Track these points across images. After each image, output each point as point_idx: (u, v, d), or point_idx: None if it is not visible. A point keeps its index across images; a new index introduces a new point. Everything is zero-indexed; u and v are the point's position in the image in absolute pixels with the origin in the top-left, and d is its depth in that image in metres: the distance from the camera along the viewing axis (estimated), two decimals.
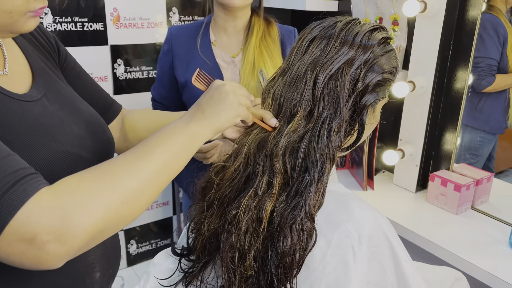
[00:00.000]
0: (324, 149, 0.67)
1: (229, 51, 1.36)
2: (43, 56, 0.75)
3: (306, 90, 0.68)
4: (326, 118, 0.68)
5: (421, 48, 1.46)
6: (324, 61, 0.68)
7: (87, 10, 1.76)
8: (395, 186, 1.65)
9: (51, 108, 0.68)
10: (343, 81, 0.68)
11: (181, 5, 1.99)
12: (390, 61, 0.73)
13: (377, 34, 0.72)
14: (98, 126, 0.76)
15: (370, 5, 1.70)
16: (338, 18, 0.74)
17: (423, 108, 1.50)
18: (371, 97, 0.71)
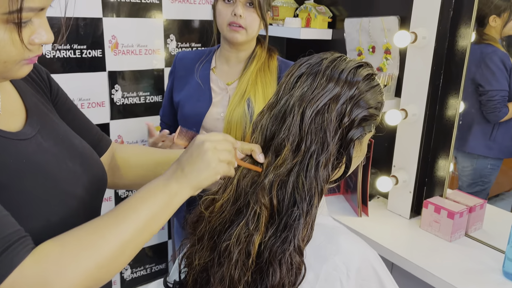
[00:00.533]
0: (312, 182, 0.69)
1: (225, 79, 1.41)
2: (36, 92, 0.77)
3: (293, 125, 0.70)
4: (313, 152, 0.69)
5: (413, 77, 1.49)
6: (311, 97, 0.71)
7: (86, 38, 1.79)
8: (389, 212, 1.66)
9: (45, 144, 0.69)
10: (329, 116, 0.70)
11: (178, 32, 2.04)
12: (376, 97, 0.75)
13: (362, 71, 0.74)
14: (92, 160, 0.77)
15: (363, 34, 1.74)
16: (325, 55, 0.76)
17: (416, 135, 1.52)
18: (357, 132, 0.73)
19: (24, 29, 0.57)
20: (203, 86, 1.39)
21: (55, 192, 0.66)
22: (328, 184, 0.73)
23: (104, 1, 1.80)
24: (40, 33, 0.60)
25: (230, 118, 1.33)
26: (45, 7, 0.59)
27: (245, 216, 0.69)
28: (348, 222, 1.57)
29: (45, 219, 0.59)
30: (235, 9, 1.29)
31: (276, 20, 2.01)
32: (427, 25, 1.41)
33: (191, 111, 1.39)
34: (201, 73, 1.41)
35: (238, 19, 1.29)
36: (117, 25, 1.85)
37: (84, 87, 1.84)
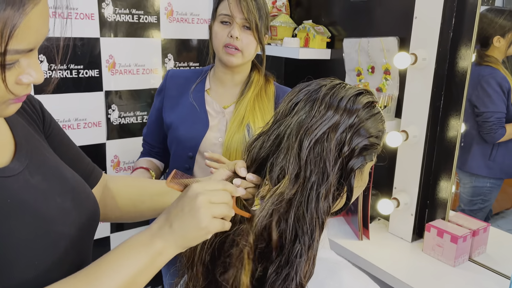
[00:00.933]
0: (313, 215, 0.66)
1: (221, 102, 1.37)
2: (28, 123, 0.74)
3: (291, 154, 0.68)
4: (313, 183, 0.67)
5: (413, 98, 1.47)
6: (309, 125, 0.68)
7: (83, 58, 1.77)
8: (390, 235, 1.62)
9: (33, 180, 0.66)
10: (328, 145, 0.67)
11: (176, 52, 2.02)
12: (376, 125, 0.73)
13: (362, 98, 0.72)
14: (83, 194, 0.74)
15: (362, 55, 1.73)
16: (324, 81, 0.74)
17: (417, 157, 1.49)
18: (358, 161, 0.70)
19: (9, 71, 0.54)
20: (199, 108, 1.35)
21: (42, 233, 0.63)
22: (329, 216, 0.70)
23: (102, 21, 1.79)
24: (29, 73, 0.56)
25: (229, 144, 1.30)
26: (35, 47, 0.56)
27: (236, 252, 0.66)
28: (349, 245, 1.54)
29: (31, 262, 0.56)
30: (232, 31, 1.26)
31: (275, 40, 2.01)
32: (427, 47, 1.40)
33: (186, 134, 1.35)
34: (195, 94, 1.37)
35: (235, 41, 1.27)
36: (114, 45, 1.84)
37: (80, 107, 1.81)
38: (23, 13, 0.51)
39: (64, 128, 1.81)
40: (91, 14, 1.76)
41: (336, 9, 1.89)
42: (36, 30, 0.54)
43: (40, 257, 0.54)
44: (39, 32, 0.55)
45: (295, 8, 2.10)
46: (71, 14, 1.72)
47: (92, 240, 0.79)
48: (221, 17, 1.29)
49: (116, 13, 1.81)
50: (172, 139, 1.39)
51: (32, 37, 0.54)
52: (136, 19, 1.88)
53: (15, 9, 0.51)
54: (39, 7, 0.53)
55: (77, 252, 0.69)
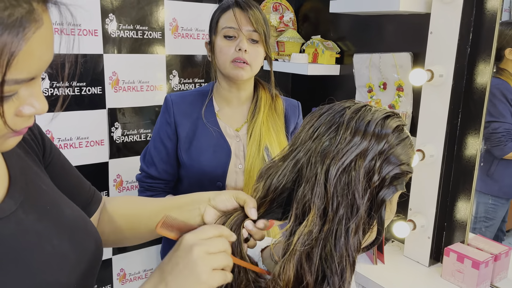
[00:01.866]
0: (342, 253, 0.59)
1: (232, 124, 1.29)
2: (25, 153, 0.67)
3: (317, 185, 0.61)
4: (342, 217, 0.60)
5: (429, 116, 1.41)
6: (335, 152, 0.62)
7: (85, 75, 1.73)
8: (406, 259, 1.55)
9: (27, 221, 0.59)
10: (357, 174, 0.61)
11: (181, 68, 1.98)
12: (407, 151, 0.66)
13: (390, 122, 0.66)
14: (84, 232, 0.67)
15: (373, 70, 1.68)
16: (347, 103, 0.68)
17: (434, 177, 1.43)
18: (389, 192, 0.63)
19: (8, 103, 0.48)
20: (215, 134, 1.24)
21: (33, 284, 0.55)
22: (359, 253, 0.63)
23: (106, 37, 1.74)
24: (31, 103, 0.50)
25: (251, 170, 1.21)
26: (36, 76, 0.50)
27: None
28: (363, 270, 1.46)
29: None
30: (240, 44, 1.18)
31: (282, 55, 1.96)
32: (443, 63, 1.34)
33: (210, 165, 1.22)
34: (207, 120, 1.25)
35: (243, 55, 1.19)
36: (118, 61, 1.79)
37: (82, 125, 1.76)
38: (23, 39, 0.45)
39: (65, 146, 1.75)
40: (95, 30, 1.72)
41: (345, 24, 1.84)
42: (39, 57, 0.49)
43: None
44: (42, 59, 0.49)
45: (302, 23, 2.05)
46: (74, 31, 1.67)
47: (93, 284, 0.72)
48: (224, 30, 1.21)
49: (120, 29, 1.77)
50: (191, 173, 1.26)
51: (34, 65, 0.48)
52: (141, 35, 1.84)
53: (14, 34, 0.44)
54: (41, 32, 0.47)
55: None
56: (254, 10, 1.19)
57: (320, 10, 1.96)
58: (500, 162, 1.50)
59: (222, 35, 1.22)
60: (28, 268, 0.56)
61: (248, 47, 1.20)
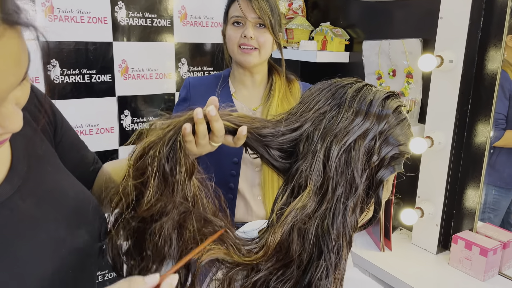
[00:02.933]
0: (339, 231, 0.59)
1: (249, 104, 1.33)
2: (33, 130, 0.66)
3: (316, 162, 0.61)
4: (340, 195, 0.60)
5: (438, 102, 1.40)
6: (337, 131, 0.62)
7: (95, 62, 1.74)
8: (414, 246, 1.54)
9: (23, 207, 0.57)
10: (356, 154, 0.61)
11: (190, 56, 1.98)
12: (405, 132, 0.66)
13: (391, 102, 0.66)
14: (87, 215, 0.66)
15: (382, 57, 1.67)
16: (347, 81, 0.68)
17: (443, 164, 1.42)
18: (387, 172, 0.64)
19: None
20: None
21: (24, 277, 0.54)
22: (356, 231, 0.64)
23: (115, 25, 1.75)
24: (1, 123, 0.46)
25: None
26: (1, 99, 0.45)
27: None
28: (370, 257, 1.46)
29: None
30: (245, 31, 1.24)
31: (291, 43, 1.95)
32: (453, 48, 1.33)
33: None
34: (223, 100, 1.31)
35: (249, 41, 1.24)
36: (127, 49, 1.80)
37: (92, 113, 1.78)
38: None
39: None
40: (104, 18, 1.73)
41: (355, 11, 1.82)
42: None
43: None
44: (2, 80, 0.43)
45: (311, 10, 2.04)
46: (84, 18, 1.69)
47: (96, 269, 0.71)
48: (232, 19, 1.27)
49: (129, 17, 1.78)
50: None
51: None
52: (149, 23, 1.84)
53: None
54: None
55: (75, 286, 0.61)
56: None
57: None
58: (501, 152, 1.47)
59: (231, 23, 1.28)
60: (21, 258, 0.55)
61: (255, 33, 1.25)
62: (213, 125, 0.62)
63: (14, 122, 0.47)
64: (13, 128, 0.47)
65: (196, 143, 0.63)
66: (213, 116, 0.61)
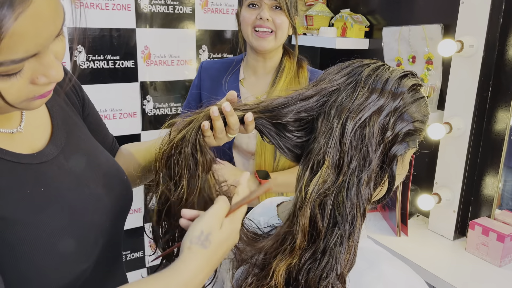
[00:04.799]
0: (354, 202, 0.62)
1: (254, 92, 1.34)
2: (65, 103, 0.73)
3: (333, 139, 0.63)
4: (354, 169, 0.62)
5: (458, 88, 1.39)
6: (352, 107, 0.64)
7: (119, 49, 1.79)
8: (430, 232, 1.55)
9: (67, 165, 0.65)
10: (371, 130, 0.63)
11: (210, 43, 2.01)
12: (421, 109, 0.68)
13: (407, 81, 0.67)
14: (117, 179, 0.73)
15: (402, 44, 1.66)
16: (365, 61, 0.70)
17: (461, 151, 1.42)
18: (401, 148, 0.66)
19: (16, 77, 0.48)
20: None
21: (73, 224, 0.62)
22: (370, 204, 0.66)
23: (138, 12, 1.79)
24: (45, 73, 0.51)
25: None
26: (40, 51, 0.49)
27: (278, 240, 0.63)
28: (387, 242, 1.48)
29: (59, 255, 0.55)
30: (261, 13, 1.22)
31: (311, 29, 1.96)
32: (474, 33, 1.32)
33: None
34: (229, 85, 1.34)
35: (265, 23, 1.22)
36: (150, 36, 1.85)
37: (116, 98, 1.83)
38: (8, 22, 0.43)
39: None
40: (128, 5, 1.77)
41: None
42: (34, 35, 0.46)
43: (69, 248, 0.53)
44: (39, 36, 0.47)
45: None
46: (108, 5, 1.73)
47: (123, 229, 0.78)
48: (248, 1, 1.25)
49: (152, 4, 1.82)
50: None
51: (30, 43, 0.47)
52: (171, 10, 1.88)
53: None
54: (31, 10, 0.44)
55: (106, 242, 0.68)
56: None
57: None
58: None
59: (247, 5, 1.26)
60: (69, 207, 0.62)
61: (272, 15, 1.23)
62: (229, 119, 0.68)
63: (56, 71, 0.52)
64: (56, 77, 0.52)
65: (215, 137, 0.69)
66: (228, 112, 0.68)
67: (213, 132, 0.68)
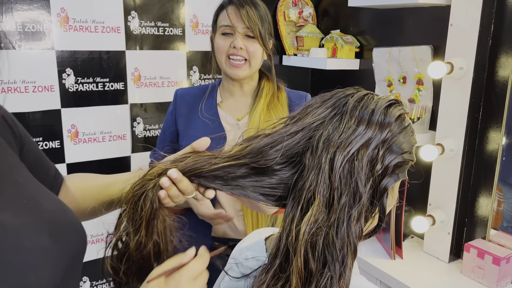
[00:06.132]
0: (344, 240, 0.59)
1: (234, 114, 1.31)
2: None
3: (322, 174, 0.61)
4: (344, 205, 0.60)
5: (449, 109, 1.39)
6: (340, 141, 0.62)
7: (108, 71, 1.77)
8: (425, 255, 1.53)
9: (3, 218, 0.56)
10: (360, 163, 0.61)
11: (201, 64, 2.01)
12: (409, 139, 0.66)
13: (394, 111, 0.66)
14: (65, 224, 0.65)
15: (392, 64, 1.66)
16: (349, 91, 0.68)
17: (454, 172, 1.41)
18: (391, 180, 0.64)
19: None
20: (212, 124, 1.27)
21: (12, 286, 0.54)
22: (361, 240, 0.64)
23: (128, 34, 1.79)
24: None
25: None
26: None
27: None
28: (381, 265, 1.46)
29: None
30: (235, 42, 1.20)
31: (301, 50, 1.96)
32: (464, 55, 1.32)
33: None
34: (207, 109, 1.30)
35: (239, 51, 1.21)
36: (140, 58, 1.84)
37: (105, 120, 1.81)
38: None
39: (89, 141, 1.81)
40: (117, 27, 1.76)
41: (365, 18, 1.83)
42: None
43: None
44: None
45: (322, 18, 2.05)
46: (98, 28, 1.72)
47: (80, 277, 0.71)
48: (222, 28, 1.23)
49: (141, 26, 1.81)
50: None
51: None
52: (162, 32, 1.87)
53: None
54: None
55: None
56: (248, 8, 1.20)
57: (339, 5, 1.95)
58: None
59: (220, 33, 1.24)
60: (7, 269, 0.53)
61: (245, 43, 1.21)
62: (179, 186, 0.66)
63: None
64: None
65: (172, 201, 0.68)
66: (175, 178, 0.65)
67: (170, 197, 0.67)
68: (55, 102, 1.68)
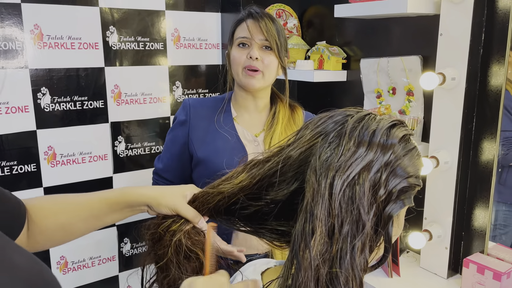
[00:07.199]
0: (349, 273, 0.54)
1: (251, 129, 1.29)
2: None
3: (322, 200, 0.55)
4: (347, 234, 0.55)
5: (442, 121, 1.36)
6: (338, 165, 0.56)
7: (87, 89, 1.70)
8: (423, 271, 1.48)
9: None
10: (361, 188, 0.55)
11: (184, 78, 1.94)
12: (414, 162, 0.61)
13: (397, 131, 0.60)
14: (41, 279, 0.58)
15: (381, 75, 1.63)
16: (349, 111, 0.63)
17: (449, 185, 1.36)
18: (396, 207, 0.58)
19: None
20: (231, 139, 1.25)
21: None
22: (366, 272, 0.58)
23: (106, 50, 1.71)
24: None
25: None
26: None
27: None
28: (378, 284, 1.40)
29: None
30: (251, 52, 1.21)
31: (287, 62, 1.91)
32: (455, 65, 1.29)
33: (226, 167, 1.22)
34: (224, 123, 1.28)
35: (254, 62, 1.21)
36: (120, 74, 1.76)
37: (85, 140, 1.73)
38: None
39: (68, 162, 1.72)
40: (95, 43, 1.69)
41: (351, 28, 1.79)
42: None
43: None
44: None
45: (306, 29, 2.01)
46: (74, 44, 1.65)
47: None
48: (238, 40, 1.25)
49: (121, 41, 1.74)
50: (204, 174, 1.24)
51: None
52: (142, 47, 1.81)
53: None
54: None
55: None
56: (266, 21, 1.23)
57: (324, 15, 1.91)
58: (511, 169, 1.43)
59: (237, 45, 1.26)
60: None
61: (261, 54, 1.23)
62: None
63: None
64: None
65: None
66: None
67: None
68: (30, 123, 1.60)
